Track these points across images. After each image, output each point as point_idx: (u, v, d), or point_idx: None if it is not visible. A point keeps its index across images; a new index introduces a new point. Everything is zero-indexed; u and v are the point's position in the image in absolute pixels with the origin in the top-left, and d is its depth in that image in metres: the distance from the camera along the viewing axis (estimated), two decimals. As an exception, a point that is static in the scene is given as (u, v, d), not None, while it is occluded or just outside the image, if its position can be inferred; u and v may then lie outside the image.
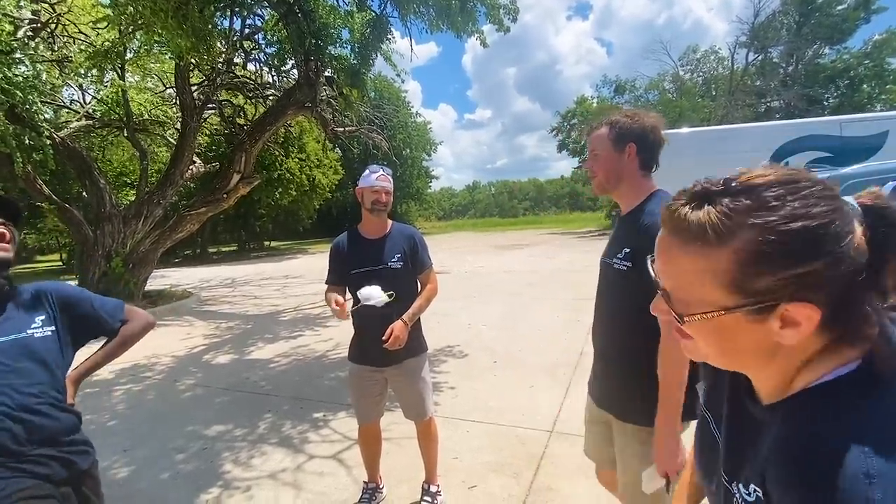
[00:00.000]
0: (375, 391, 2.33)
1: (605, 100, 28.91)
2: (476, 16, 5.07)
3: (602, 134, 1.51)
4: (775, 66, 25.99)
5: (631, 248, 1.45)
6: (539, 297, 7.78)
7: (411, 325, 2.20)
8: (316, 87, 6.63)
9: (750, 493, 0.52)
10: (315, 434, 3.35)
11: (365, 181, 2.23)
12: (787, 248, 0.48)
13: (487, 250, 17.17)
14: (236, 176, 8.05)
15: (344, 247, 2.32)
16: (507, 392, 3.90)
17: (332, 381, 4.47)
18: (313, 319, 7.31)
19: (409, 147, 31.16)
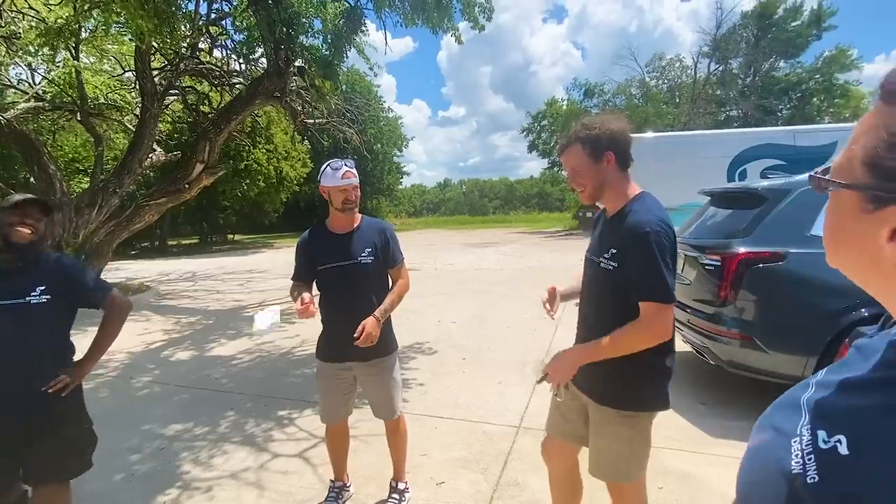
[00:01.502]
0: (344, 389, 2.29)
1: (574, 103, 29.46)
2: (452, 12, 5.06)
3: (576, 151, 1.57)
4: (734, 77, 27.16)
5: (617, 249, 1.53)
6: (508, 295, 7.86)
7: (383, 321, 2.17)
8: (286, 77, 6.45)
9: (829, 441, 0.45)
10: (280, 432, 3.27)
11: (330, 180, 2.15)
12: None
13: (458, 248, 17.21)
14: (199, 166, 7.75)
15: (311, 242, 2.26)
16: (476, 389, 3.92)
17: (299, 378, 4.38)
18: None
19: (381, 142, 30.84)
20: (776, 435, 0.52)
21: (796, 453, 0.46)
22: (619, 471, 1.64)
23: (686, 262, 3.76)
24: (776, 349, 3.08)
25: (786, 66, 26.41)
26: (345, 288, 2.18)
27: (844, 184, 0.45)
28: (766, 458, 0.51)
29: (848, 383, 0.50)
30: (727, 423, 3.14)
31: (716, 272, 3.34)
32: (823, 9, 25.06)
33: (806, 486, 0.43)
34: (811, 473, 0.43)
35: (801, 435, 0.48)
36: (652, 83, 28.94)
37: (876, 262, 0.44)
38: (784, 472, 0.46)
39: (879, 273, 0.45)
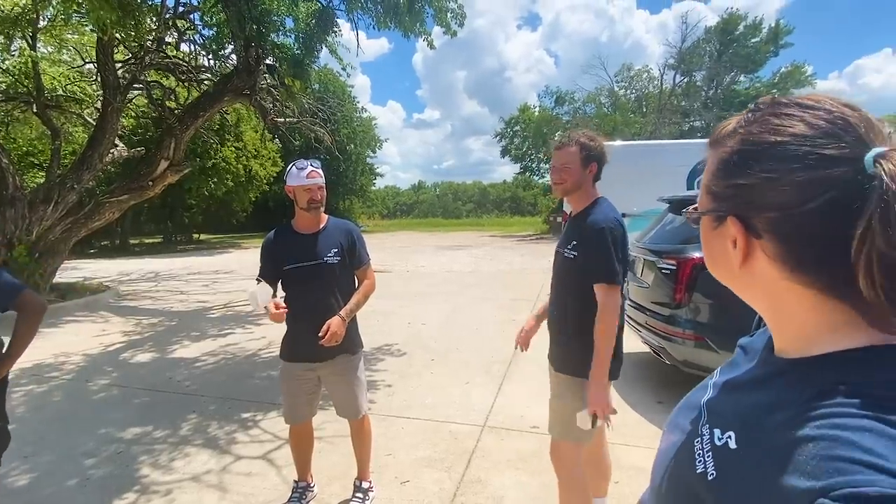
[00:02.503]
0: (308, 389, 2.30)
1: (546, 109, 30.01)
2: (424, 17, 5.11)
3: (574, 152, 1.87)
4: (698, 89, 28.29)
5: (577, 241, 1.86)
6: (479, 297, 7.95)
7: (348, 321, 2.19)
8: (256, 75, 6.36)
9: (723, 437, 0.49)
10: (243, 434, 3.24)
11: (295, 179, 2.17)
12: (739, 155, 0.49)
13: (430, 250, 17.24)
14: (164, 163, 7.54)
15: (276, 243, 2.27)
16: (443, 389, 3.97)
17: (264, 379, 4.32)
18: (244, 317, 7.00)
19: (354, 142, 30.56)
20: (681, 436, 0.56)
21: (699, 453, 0.50)
22: (565, 429, 1.91)
23: (645, 265, 3.92)
24: (726, 349, 3.25)
25: (745, 80, 27.76)
26: (311, 288, 2.19)
27: (700, 211, 0.55)
28: (674, 461, 0.55)
29: (734, 382, 0.57)
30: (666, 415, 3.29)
31: (671, 276, 3.50)
32: (781, 27, 26.46)
33: (707, 484, 0.47)
34: (710, 470, 0.48)
35: (702, 435, 0.52)
36: (621, 92, 29.82)
37: (732, 269, 0.52)
38: (692, 473, 0.50)
39: (737, 277, 0.53)
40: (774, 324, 0.52)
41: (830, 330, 0.46)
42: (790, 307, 0.49)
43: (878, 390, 0.41)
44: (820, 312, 0.47)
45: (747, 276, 0.51)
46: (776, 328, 0.52)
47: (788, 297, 0.49)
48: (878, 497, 0.34)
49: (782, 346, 0.51)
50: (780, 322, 0.51)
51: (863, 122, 0.45)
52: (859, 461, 0.36)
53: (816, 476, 0.37)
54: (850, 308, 0.45)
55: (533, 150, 30.27)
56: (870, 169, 0.42)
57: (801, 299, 0.48)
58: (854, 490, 0.35)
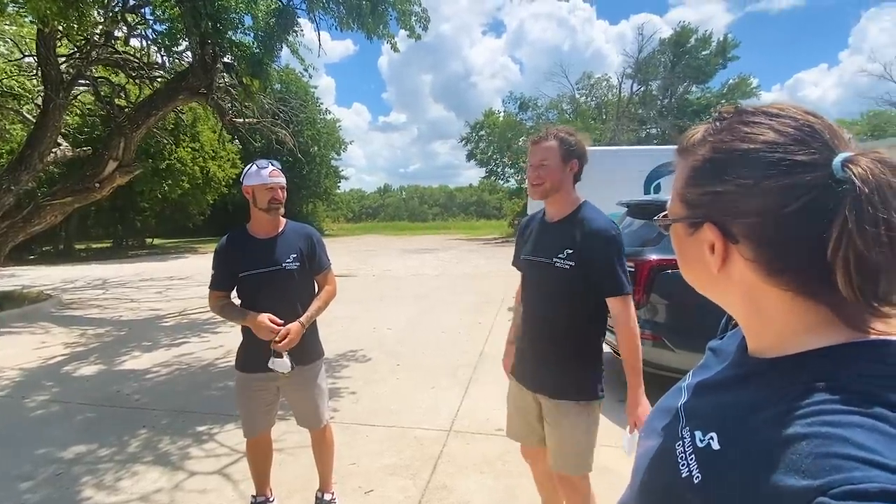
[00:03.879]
0: (266, 400, 2.20)
1: (510, 115, 30.45)
2: (387, 19, 5.07)
3: (552, 147, 1.69)
4: (654, 98, 29.45)
5: (574, 250, 1.65)
6: (445, 301, 7.94)
7: (307, 327, 2.12)
8: (212, 74, 6.13)
9: (704, 439, 0.49)
10: (198, 449, 3.08)
11: (255, 178, 2.08)
12: (711, 163, 0.50)
13: (396, 253, 17.12)
14: (113, 163, 7.13)
15: (231, 248, 2.16)
16: (408, 394, 3.92)
17: (221, 390, 4.15)
18: (201, 325, 6.72)
19: (318, 145, 29.99)
20: (660, 441, 0.56)
21: (681, 456, 0.50)
22: (580, 462, 1.73)
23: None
24: (682, 348, 3.37)
25: (697, 90, 29.11)
26: (268, 296, 2.11)
27: (672, 218, 0.56)
28: (656, 466, 0.55)
29: (710, 384, 0.57)
30: (640, 417, 3.38)
31: (630, 278, 3.60)
32: (728, 41, 27.93)
33: (694, 487, 0.47)
34: (696, 473, 0.48)
35: (683, 438, 0.52)
36: (581, 100, 30.62)
37: (709, 274, 0.53)
38: (676, 478, 0.49)
39: (713, 281, 0.53)
40: (749, 325, 0.53)
41: (806, 329, 0.47)
42: (766, 309, 0.50)
43: (861, 385, 0.41)
44: (795, 313, 0.48)
45: (724, 279, 0.52)
46: (751, 329, 0.53)
47: (765, 299, 0.49)
48: (879, 492, 0.34)
49: (757, 346, 0.52)
50: (756, 323, 0.51)
51: (826, 129, 0.46)
52: (854, 457, 0.36)
53: (813, 474, 0.37)
54: (824, 308, 0.46)
55: (498, 154, 30.63)
56: (838, 173, 0.43)
57: (777, 301, 0.48)
58: (854, 487, 0.35)
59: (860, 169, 0.42)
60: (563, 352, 1.69)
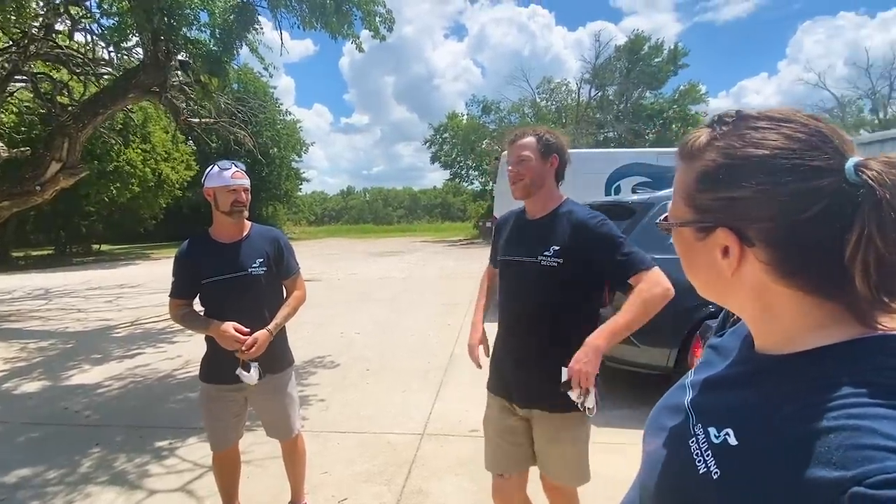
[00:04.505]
0: (233, 412, 2.11)
1: (473, 118, 30.74)
2: (352, 19, 5.00)
3: (531, 142, 1.64)
4: (611, 103, 30.47)
5: (560, 246, 1.56)
6: (413, 304, 7.90)
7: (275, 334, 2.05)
8: (166, 71, 5.85)
9: (720, 436, 0.49)
10: (158, 466, 2.92)
11: (217, 180, 2.00)
12: (725, 169, 0.50)
13: (361, 257, 16.91)
14: (56, 165, 6.66)
15: (193, 253, 2.06)
16: (379, 399, 3.87)
17: (181, 403, 3.95)
18: (156, 335, 6.39)
19: (278, 146, 29.27)
20: (670, 439, 0.57)
21: (696, 453, 0.51)
22: (583, 472, 1.68)
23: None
24: (646, 344, 3.49)
25: (650, 96, 30.33)
26: (234, 303, 2.02)
27: (679, 223, 0.55)
28: (668, 465, 0.55)
29: (717, 381, 0.58)
30: (609, 413, 3.46)
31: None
32: (679, 49, 29.31)
33: (713, 484, 0.47)
34: (713, 469, 0.48)
35: (696, 435, 0.52)
36: (542, 104, 31.29)
37: (720, 276, 0.53)
38: (693, 474, 0.50)
39: (724, 283, 0.54)
40: (758, 324, 0.54)
41: (816, 326, 0.48)
42: (776, 308, 0.51)
43: (881, 378, 0.43)
44: (806, 311, 0.49)
45: (735, 281, 0.52)
46: (759, 328, 0.54)
47: (775, 299, 0.50)
48: None
49: (765, 343, 0.53)
50: (765, 322, 0.52)
51: (834, 134, 0.48)
52: (885, 447, 0.38)
53: (845, 466, 0.38)
54: (834, 305, 0.48)
55: (462, 156, 30.84)
56: (851, 178, 0.45)
57: (787, 300, 0.50)
58: (889, 476, 0.36)
59: (874, 172, 0.44)
60: (554, 359, 1.51)
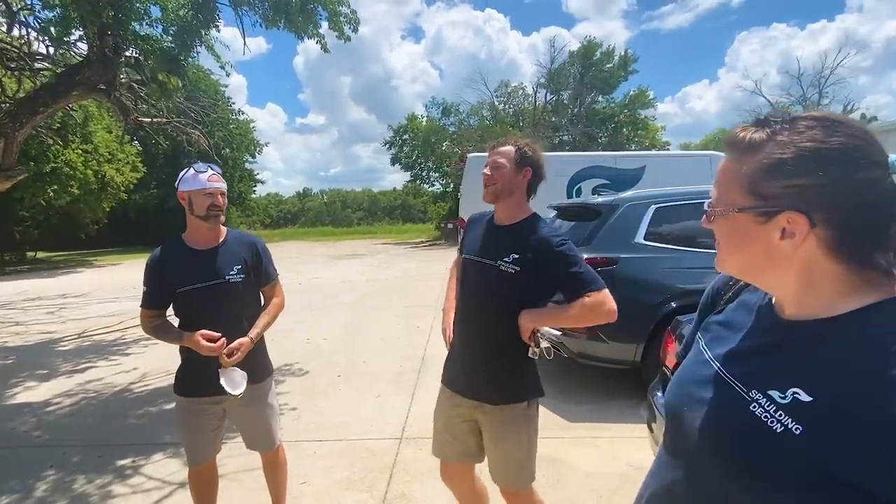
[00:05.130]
0: (212, 425, 2.03)
1: (433, 120, 30.85)
2: (317, 19, 4.91)
3: (509, 151, 1.72)
4: (565, 107, 31.39)
5: (520, 255, 1.64)
6: (379, 307, 7.84)
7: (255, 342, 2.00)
8: (114, 68, 5.52)
9: (786, 395, 0.55)
10: (122, 485, 2.77)
11: (192, 183, 1.93)
12: (795, 161, 0.56)
13: (322, 260, 16.58)
14: (-12, 167, 6.15)
15: (167, 261, 1.97)
16: (353, 405, 3.82)
17: (141, 418, 3.75)
18: (108, 347, 6.03)
19: (231, 146, 28.22)
20: (723, 409, 0.61)
21: (764, 416, 0.56)
22: (527, 472, 1.71)
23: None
24: (615, 340, 3.64)
25: (603, 100, 31.48)
26: (212, 311, 1.94)
27: (739, 208, 0.61)
28: (732, 430, 0.60)
29: (752, 350, 0.64)
30: (581, 407, 3.60)
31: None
32: (628, 55, 30.59)
33: (796, 438, 0.53)
34: (793, 426, 0.53)
35: (755, 400, 0.58)
36: (500, 107, 31.81)
37: (771, 257, 0.60)
38: (770, 434, 0.55)
39: (772, 261, 0.60)
40: (802, 295, 0.60)
41: (856, 291, 0.57)
42: (823, 280, 0.58)
43: None
44: (848, 280, 0.57)
45: (786, 259, 0.59)
46: (803, 299, 0.60)
47: (820, 272, 0.58)
48: None
49: (806, 311, 0.60)
50: (810, 293, 0.60)
51: (875, 135, 0.57)
52: None
53: None
54: (870, 273, 0.56)
55: (422, 158, 30.86)
56: (894, 170, 0.55)
57: (833, 272, 0.58)
58: None
59: None
60: (504, 357, 1.65)
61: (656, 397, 2.31)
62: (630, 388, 3.63)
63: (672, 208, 3.89)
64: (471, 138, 25.66)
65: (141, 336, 6.24)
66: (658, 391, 2.35)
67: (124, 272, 14.90)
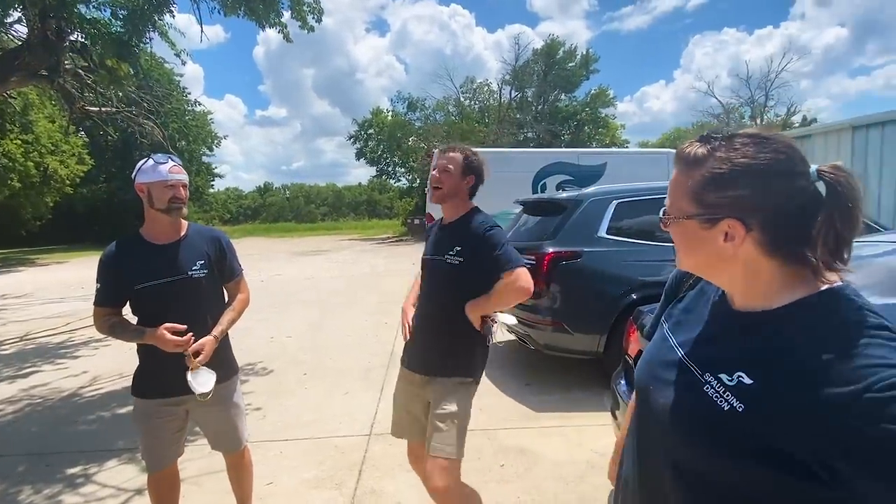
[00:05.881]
0: (175, 427, 1.96)
1: (398, 115, 30.59)
2: (279, 7, 4.77)
3: (457, 158, 1.90)
4: (529, 104, 31.80)
5: (462, 247, 1.84)
6: (345, 303, 7.74)
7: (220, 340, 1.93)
8: (58, 53, 5.18)
9: (733, 378, 0.63)
10: (73, 495, 2.62)
11: (152, 175, 1.84)
12: (731, 175, 0.65)
13: (285, 257, 16.19)
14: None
15: (123, 256, 1.87)
16: (320, 403, 3.76)
17: (93, 424, 3.56)
18: (53, 349, 5.68)
19: (187, 139, 27.06)
20: (683, 390, 0.70)
21: (715, 396, 0.64)
22: (461, 444, 1.80)
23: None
24: (579, 331, 3.74)
25: (565, 98, 32.10)
26: (173, 309, 1.86)
27: (686, 216, 0.70)
28: (690, 408, 0.68)
29: (708, 337, 0.73)
30: (547, 397, 3.68)
31: (531, 270, 3.88)
32: (590, 55, 31.30)
33: (739, 416, 0.61)
34: (737, 405, 0.61)
35: (708, 382, 0.66)
36: (466, 103, 31.90)
37: (719, 256, 0.69)
38: (717, 412, 0.63)
39: (721, 261, 0.69)
40: (746, 289, 0.69)
41: (790, 286, 0.66)
42: (762, 275, 0.67)
43: (857, 316, 0.60)
44: (782, 276, 0.66)
45: (733, 258, 0.68)
46: (748, 291, 0.69)
47: (762, 269, 0.67)
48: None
49: (749, 303, 0.69)
50: (752, 287, 0.68)
51: (798, 148, 0.66)
52: (881, 365, 0.54)
53: (855, 381, 0.54)
54: (800, 269, 0.65)
55: (388, 153, 30.57)
56: (814, 178, 0.64)
57: (770, 269, 0.67)
58: (891, 381, 0.52)
59: (831, 175, 0.63)
60: (451, 337, 1.86)
61: (619, 385, 2.39)
62: (594, 378, 3.74)
63: (632, 203, 4.02)
64: (437, 133, 25.64)
65: (91, 337, 5.92)
66: (621, 379, 2.44)
67: (70, 271, 14.07)
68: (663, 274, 3.84)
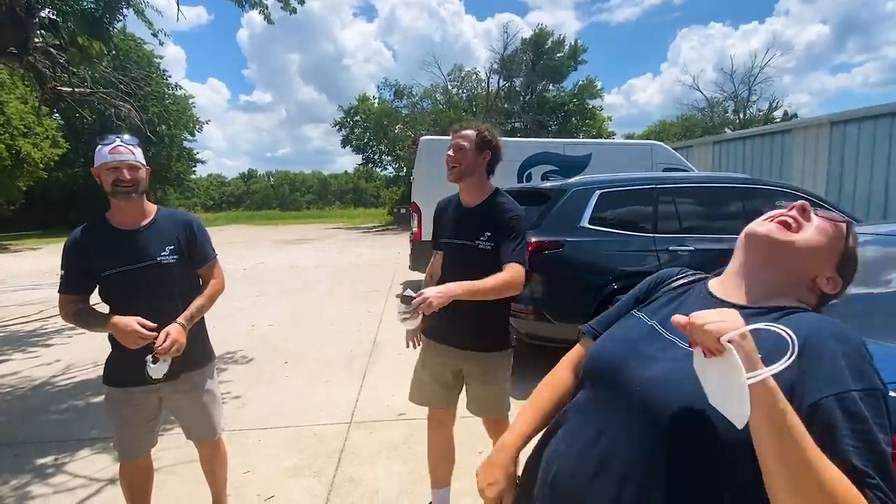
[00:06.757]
0: (148, 415, 1.91)
1: (385, 102, 30.19)
2: (259, -13, 4.63)
3: (470, 135, 1.90)
4: (517, 94, 31.68)
5: (493, 232, 1.87)
6: (329, 292, 7.67)
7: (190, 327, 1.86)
8: (27, 29, 4.97)
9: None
10: (43, 485, 2.56)
11: (98, 158, 1.76)
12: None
13: (268, 245, 15.97)
14: None
15: (88, 242, 1.80)
16: (301, 392, 3.73)
17: (65, 413, 3.48)
18: (24, 337, 5.54)
19: (168, 123, 26.35)
20: (671, 360, 0.78)
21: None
22: (506, 403, 2.03)
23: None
24: (561, 320, 3.75)
25: (553, 89, 32.04)
26: (143, 296, 1.80)
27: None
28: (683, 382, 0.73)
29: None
30: (529, 385, 3.68)
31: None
32: (578, 46, 31.21)
33: None
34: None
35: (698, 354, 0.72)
36: (454, 91, 31.62)
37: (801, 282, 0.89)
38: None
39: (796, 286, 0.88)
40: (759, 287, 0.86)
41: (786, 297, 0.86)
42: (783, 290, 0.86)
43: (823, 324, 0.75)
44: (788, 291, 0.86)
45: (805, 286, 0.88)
46: (754, 289, 0.86)
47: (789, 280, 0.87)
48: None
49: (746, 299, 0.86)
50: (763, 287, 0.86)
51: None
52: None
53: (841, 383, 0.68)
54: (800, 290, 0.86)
55: (374, 141, 30.20)
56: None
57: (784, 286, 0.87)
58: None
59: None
60: (486, 316, 1.92)
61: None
62: (575, 367, 3.76)
63: (615, 194, 4.04)
64: (424, 122, 25.40)
65: (65, 326, 5.77)
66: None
67: (44, 257, 13.69)
68: (644, 264, 3.88)
